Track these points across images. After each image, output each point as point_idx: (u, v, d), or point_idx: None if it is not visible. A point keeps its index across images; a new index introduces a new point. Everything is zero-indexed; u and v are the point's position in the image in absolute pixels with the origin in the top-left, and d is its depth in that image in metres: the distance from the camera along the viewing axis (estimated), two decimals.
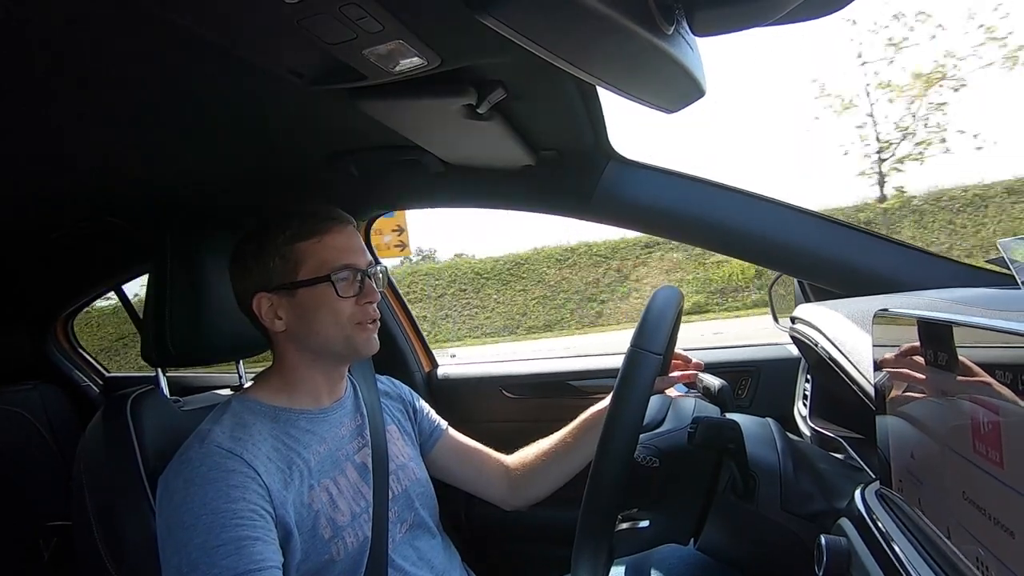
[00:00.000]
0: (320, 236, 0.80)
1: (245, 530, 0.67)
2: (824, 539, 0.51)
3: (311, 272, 0.79)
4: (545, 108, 0.89)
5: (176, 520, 0.68)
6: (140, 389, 0.89)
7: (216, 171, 1.11)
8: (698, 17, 0.53)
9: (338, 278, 0.79)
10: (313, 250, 0.80)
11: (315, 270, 0.79)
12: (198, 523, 0.66)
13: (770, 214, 1.02)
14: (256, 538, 0.67)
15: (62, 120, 0.81)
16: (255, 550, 0.66)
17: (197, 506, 0.67)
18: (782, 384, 1.12)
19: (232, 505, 0.68)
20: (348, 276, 0.80)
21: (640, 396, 0.60)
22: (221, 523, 0.66)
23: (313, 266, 0.79)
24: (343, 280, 0.79)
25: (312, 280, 0.79)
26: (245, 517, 0.68)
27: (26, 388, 1.82)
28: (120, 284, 1.84)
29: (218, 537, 0.65)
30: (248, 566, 0.65)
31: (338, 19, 0.55)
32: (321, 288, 0.79)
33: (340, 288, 0.79)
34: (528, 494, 0.98)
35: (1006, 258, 0.76)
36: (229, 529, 0.66)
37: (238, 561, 0.65)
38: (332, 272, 0.79)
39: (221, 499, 0.68)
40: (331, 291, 0.78)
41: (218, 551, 0.65)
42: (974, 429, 0.36)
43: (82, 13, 0.56)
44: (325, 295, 0.79)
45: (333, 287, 0.78)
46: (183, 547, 0.66)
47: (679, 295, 0.69)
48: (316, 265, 0.79)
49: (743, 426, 0.66)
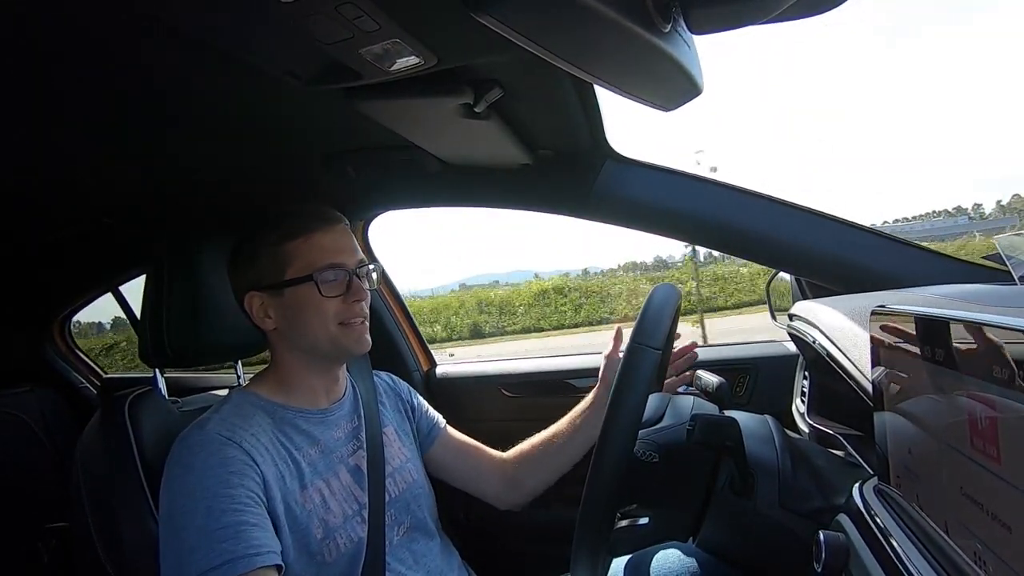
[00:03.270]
0: (307, 236, 0.81)
1: (244, 515, 0.67)
2: (823, 535, 0.52)
3: (297, 272, 0.80)
4: (542, 107, 0.89)
5: (176, 505, 0.68)
6: (138, 390, 0.88)
7: (212, 172, 1.11)
8: (695, 15, 0.53)
9: (322, 278, 0.79)
10: (300, 250, 0.80)
11: (301, 270, 0.80)
12: (197, 507, 0.67)
13: (767, 211, 1.02)
14: (254, 524, 0.68)
15: (59, 121, 0.81)
16: (253, 535, 0.67)
17: (197, 491, 0.68)
18: (780, 381, 1.12)
19: (231, 491, 0.68)
20: (333, 276, 0.80)
21: (640, 391, 0.60)
22: (220, 508, 0.67)
23: (299, 266, 0.80)
24: (328, 281, 0.79)
25: (297, 280, 0.79)
26: (243, 503, 0.68)
27: (23, 391, 1.82)
28: (118, 286, 1.83)
29: (217, 521, 0.66)
30: (246, 550, 0.65)
31: (334, 19, 0.55)
32: (305, 288, 0.79)
33: (324, 288, 0.79)
34: (526, 489, 0.98)
35: (1003, 255, 0.77)
36: (228, 514, 0.67)
37: (236, 545, 0.65)
38: (316, 272, 0.79)
39: (220, 484, 0.68)
40: (315, 291, 0.79)
41: (216, 534, 0.65)
42: (972, 425, 0.36)
43: (80, 14, 0.56)
44: (310, 295, 0.79)
45: (317, 287, 0.79)
46: (181, 530, 0.66)
47: (677, 293, 0.69)
48: (302, 265, 0.80)
49: (741, 423, 0.67)
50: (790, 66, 64.20)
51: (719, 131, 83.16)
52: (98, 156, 0.96)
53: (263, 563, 0.66)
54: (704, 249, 6.02)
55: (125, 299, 1.90)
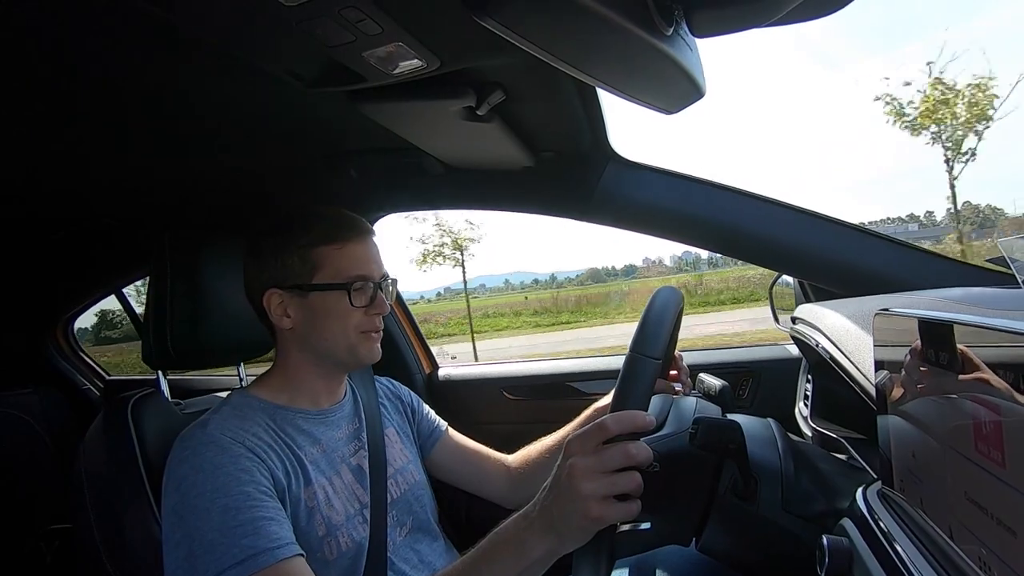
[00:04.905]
0: (342, 243, 0.81)
1: (260, 511, 0.67)
2: (826, 539, 0.51)
3: (328, 278, 0.80)
4: (544, 109, 0.89)
5: (187, 506, 0.67)
6: (141, 392, 0.89)
7: (215, 173, 1.11)
8: (697, 18, 0.53)
9: (353, 288, 0.80)
10: (333, 256, 0.81)
11: (332, 276, 0.80)
12: (213, 506, 0.66)
13: (770, 214, 1.02)
14: (271, 519, 0.67)
15: (61, 121, 0.81)
16: (271, 530, 0.66)
17: (209, 490, 0.67)
18: (783, 384, 1.12)
19: (245, 488, 0.68)
20: (362, 287, 0.81)
21: (639, 402, 0.60)
22: (237, 505, 0.66)
23: (330, 272, 0.80)
24: (357, 290, 0.80)
25: (328, 286, 0.80)
26: (258, 499, 0.68)
27: (26, 392, 1.82)
28: (121, 287, 1.84)
29: (235, 518, 0.65)
30: (268, 544, 0.65)
31: (338, 21, 0.55)
32: (335, 295, 0.80)
33: (354, 298, 0.80)
34: (531, 491, 0.98)
35: (1006, 257, 0.76)
36: (245, 511, 0.66)
37: (256, 540, 0.65)
38: (349, 281, 0.80)
39: (233, 482, 0.68)
40: (344, 299, 0.80)
41: (236, 531, 0.65)
42: (976, 429, 0.36)
43: (82, 15, 0.56)
44: (338, 302, 0.80)
45: (348, 296, 0.80)
46: (196, 531, 0.65)
47: (679, 296, 0.68)
48: (333, 272, 0.80)
49: (744, 427, 0.66)
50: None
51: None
52: (100, 157, 0.97)
53: (285, 555, 0.65)
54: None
55: (128, 300, 1.91)
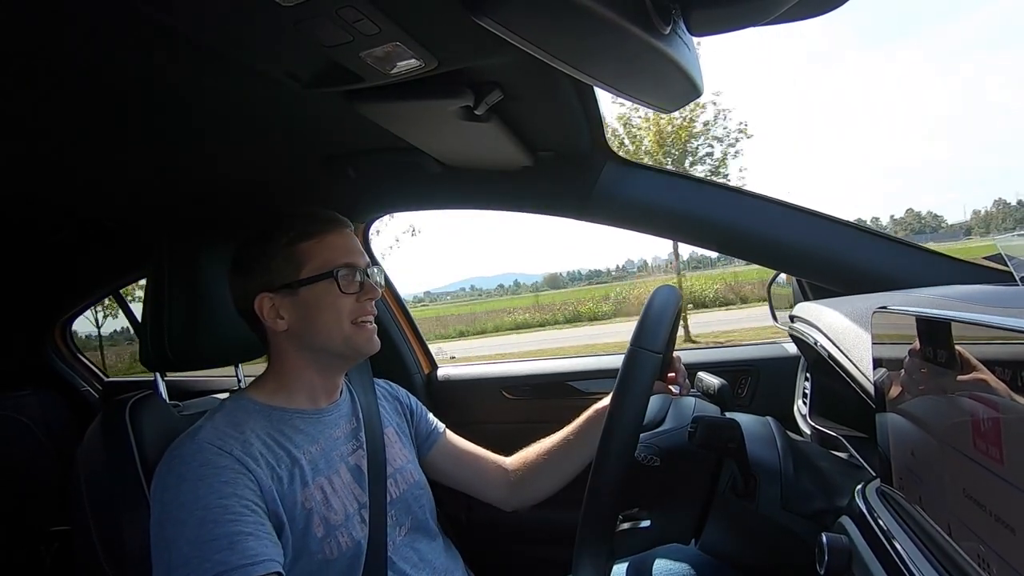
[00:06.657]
0: (320, 237, 0.83)
1: (238, 525, 0.66)
2: (825, 537, 0.51)
3: (314, 270, 0.81)
4: (542, 109, 0.89)
5: (167, 516, 0.67)
6: (139, 394, 0.88)
7: (213, 174, 1.11)
8: (695, 17, 0.53)
9: (341, 275, 0.81)
10: (315, 250, 0.82)
11: (318, 268, 0.81)
12: (189, 519, 0.66)
13: (768, 212, 1.02)
14: (249, 533, 0.66)
15: (59, 123, 0.81)
16: (248, 545, 0.65)
17: (188, 502, 0.67)
18: (782, 383, 1.12)
19: (224, 501, 0.67)
20: (349, 274, 0.82)
21: (641, 395, 0.60)
22: (213, 518, 0.66)
23: (316, 265, 0.81)
24: (345, 276, 0.82)
25: (315, 277, 0.81)
26: (237, 513, 0.67)
27: (25, 394, 1.82)
28: (119, 288, 1.83)
29: (210, 532, 0.65)
30: (241, 561, 0.64)
31: (335, 21, 0.55)
32: (324, 285, 0.81)
33: (343, 284, 0.81)
34: (529, 494, 0.98)
35: (1004, 256, 0.77)
36: (221, 524, 0.66)
37: (230, 556, 0.64)
38: (335, 268, 0.81)
39: (213, 495, 0.67)
40: (334, 287, 0.81)
41: (210, 546, 0.64)
42: (974, 426, 0.36)
43: (81, 16, 0.56)
44: (328, 292, 0.81)
45: (336, 283, 0.81)
46: (172, 543, 0.65)
47: (677, 295, 0.69)
48: (319, 264, 0.82)
49: (743, 425, 0.66)
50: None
51: None
52: (99, 158, 0.96)
53: (259, 572, 0.64)
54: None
55: (126, 302, 1.90)
